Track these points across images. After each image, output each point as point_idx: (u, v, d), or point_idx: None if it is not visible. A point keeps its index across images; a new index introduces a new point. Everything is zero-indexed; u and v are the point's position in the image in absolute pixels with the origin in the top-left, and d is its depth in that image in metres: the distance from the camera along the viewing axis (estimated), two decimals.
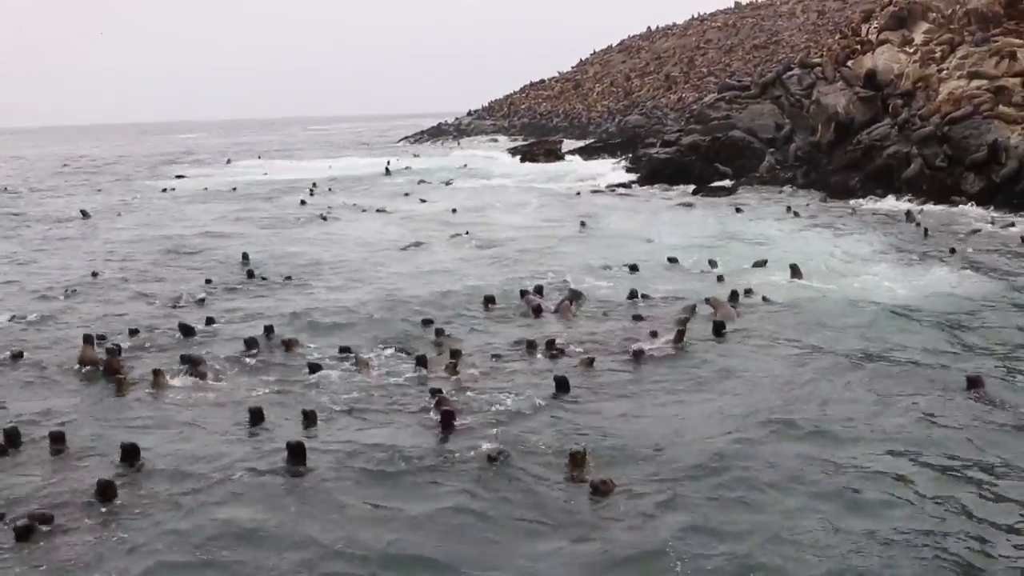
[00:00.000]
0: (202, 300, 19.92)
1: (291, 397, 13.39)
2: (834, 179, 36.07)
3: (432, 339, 16.19)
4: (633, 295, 18.68)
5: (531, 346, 15.27)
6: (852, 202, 33.13)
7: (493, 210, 35.88)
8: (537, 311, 17.82)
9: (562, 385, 13.14)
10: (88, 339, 15.62)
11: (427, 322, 17.13)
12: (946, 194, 31.21)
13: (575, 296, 18.75)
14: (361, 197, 41.88)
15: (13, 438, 11.59)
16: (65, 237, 31.51)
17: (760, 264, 21.86)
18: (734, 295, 18.28)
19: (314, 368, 14.39)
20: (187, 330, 16.79)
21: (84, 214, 37.03)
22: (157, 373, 14.01)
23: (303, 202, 39.58)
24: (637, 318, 17.11)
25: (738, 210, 32.04)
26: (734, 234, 27.36)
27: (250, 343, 15.67)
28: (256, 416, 12.23)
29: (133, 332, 16.79)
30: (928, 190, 31.93)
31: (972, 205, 29.97)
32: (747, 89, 46.52)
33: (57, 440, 11.49)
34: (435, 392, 12.76)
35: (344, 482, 10.40)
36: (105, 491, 9.89)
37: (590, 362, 14.41)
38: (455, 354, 14.61)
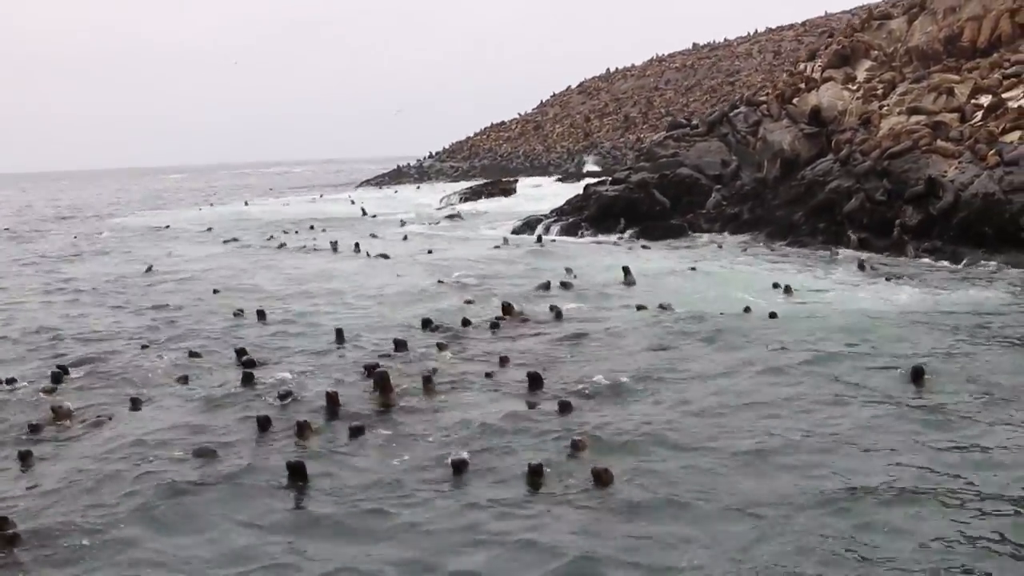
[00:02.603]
0: None
1: None
2: (779, 214, 36.15)
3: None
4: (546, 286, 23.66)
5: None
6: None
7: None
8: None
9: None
10: None
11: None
12: (887, 227, 31.34)
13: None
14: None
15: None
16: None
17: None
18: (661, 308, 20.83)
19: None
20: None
21: None
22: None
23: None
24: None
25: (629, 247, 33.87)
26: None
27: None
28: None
29: None
30: (869, 223, 32.07)
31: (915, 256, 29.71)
32: (695, 127, 46.74)
33: None
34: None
35: None
36: None
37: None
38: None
